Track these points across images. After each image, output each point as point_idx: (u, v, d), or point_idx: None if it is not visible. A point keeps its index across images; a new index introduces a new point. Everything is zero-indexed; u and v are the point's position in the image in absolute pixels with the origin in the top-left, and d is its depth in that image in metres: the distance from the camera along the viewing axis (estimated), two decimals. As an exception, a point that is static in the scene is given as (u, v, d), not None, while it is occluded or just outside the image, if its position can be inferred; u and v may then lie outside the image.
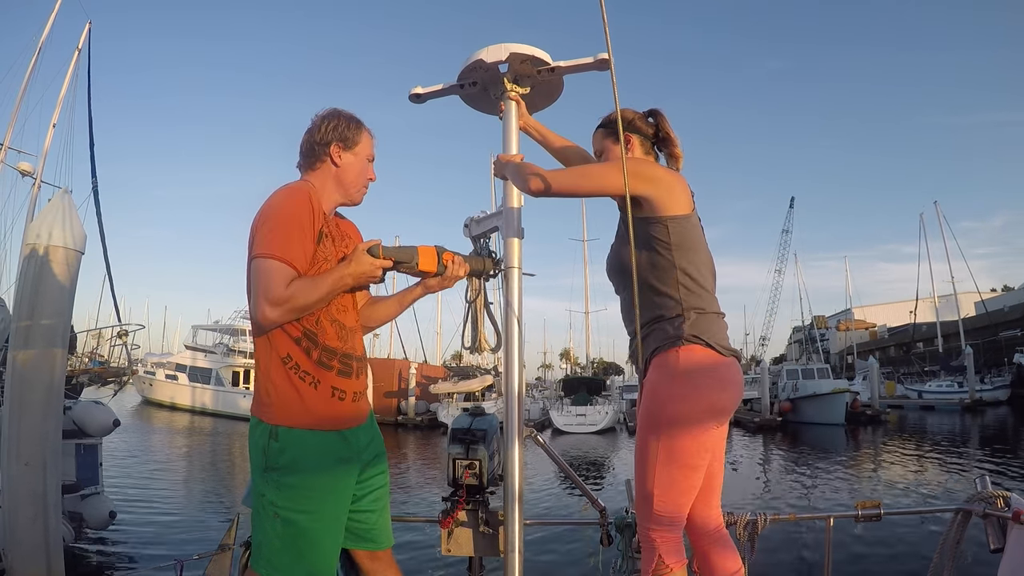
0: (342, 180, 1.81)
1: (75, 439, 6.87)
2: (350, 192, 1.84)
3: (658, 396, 1.76)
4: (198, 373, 32.84)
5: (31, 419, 4.57)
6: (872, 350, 49.73)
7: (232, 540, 2.37)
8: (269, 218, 1.63)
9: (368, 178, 1.87)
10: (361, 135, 1.83)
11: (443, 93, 2.22)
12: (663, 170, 1.90)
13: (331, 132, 1.78)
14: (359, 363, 1.78)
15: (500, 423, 2.17)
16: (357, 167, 1.82)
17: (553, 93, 2.28)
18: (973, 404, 30.96)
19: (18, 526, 4.43)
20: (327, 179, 1.80)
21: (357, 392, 1.76)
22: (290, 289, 1.58)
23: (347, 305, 1.78)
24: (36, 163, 14.96)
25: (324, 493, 1.64)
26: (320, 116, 1.82)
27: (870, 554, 6.56)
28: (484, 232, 2.15)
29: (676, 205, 1.81)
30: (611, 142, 2.03)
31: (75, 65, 15.80)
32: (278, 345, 1.65)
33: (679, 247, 1.79)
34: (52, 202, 5.14)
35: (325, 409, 1.67)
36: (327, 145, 1.78)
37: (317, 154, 1.79)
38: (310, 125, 1.82)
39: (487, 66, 2.06)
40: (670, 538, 1.77)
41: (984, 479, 2.38)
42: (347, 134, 1.80)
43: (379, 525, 1.84)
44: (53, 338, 4.75)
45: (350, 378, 1.73)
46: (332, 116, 1.81)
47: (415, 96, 2.22)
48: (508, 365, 1.97)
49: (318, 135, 1.78)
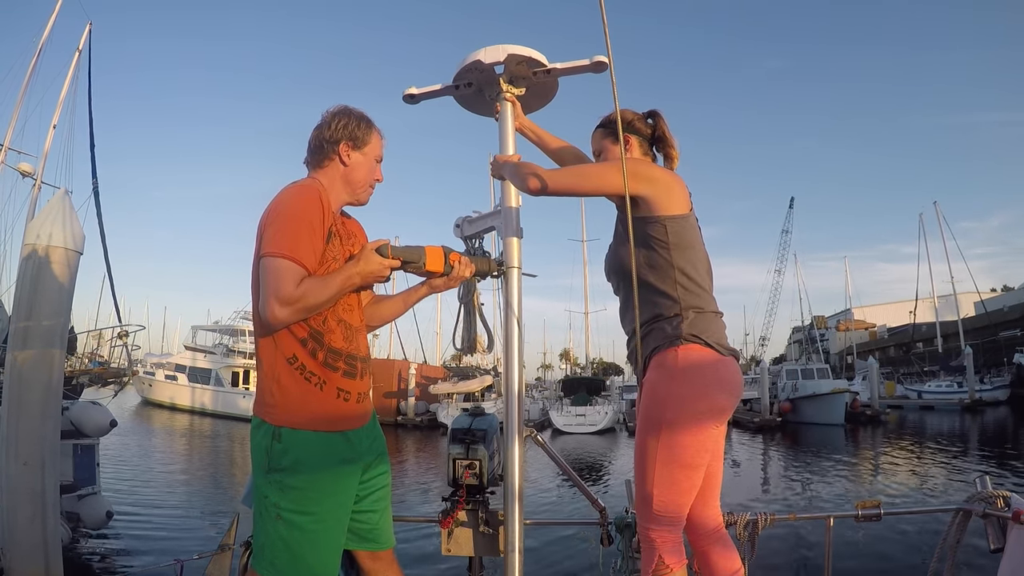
0: (350, 179, 1.79)
1: (72, 439, 6.86)
2: (357, 192, 1.82)
3: (658, 395, 1.76)
4: (198, 374, 32.80)
5: (30, 419, 4.56)
6: (872, 350, 49.73)
7: (232, 540, 2.36)
8: (279, 216, 1.61)
9: (375, 179, 1.85)
10: (371, 135, 1.81)
11: (437, 94, 2.21)
12: (661, 170, 1.90)
13: (341, 130, 1.76)
14: (363, 364, 1.77)
15: (500, 423, 2.16)
16: (366, 167, 1.80)
17: (548, 94, 2.28)
18: (973, 404, 30.94)
19: (16, 526, 4.42)
20: (335, 177, 1.78)
21: (362, 393, 1.75)
22: (300, 288, 1.56)
23: (352, 304, 1.77)
24: (36, 164, 15.00)
25: (327, 495, 1.63)
26: (331, 113, 1.80)
27: (870, 554, 6.56)
28: (477, 232, 2.14)
29: (674, 205, 1.81)
30: (610, 142, 2.03)
31: (75, 66, 15.83)
32: (284, 346, 1.64)
33: (677, 246, 1.80)
34: (51, 202, 5.14)
35: (330, 410, 1.66)
36: (336, 143, 1.76)
37: (326, 151, 1.77)
38: (320, 121, 1.79)
39: (483, 67, 2.06)
40: (670, 538, 1.77)
41: (984, 479, 2.37)
42: (357, 133, 1.78)
43: (381, 525, 1.83)
44: (52, 339, 4.75)
45: (355, 379, 1.72)
46: (343, 114, 1.79)
47: (409, 97, 2.20)
48: (508, 365, 1.97)
49: (328, 132, 1.76)
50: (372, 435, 1.81)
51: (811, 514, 2.94)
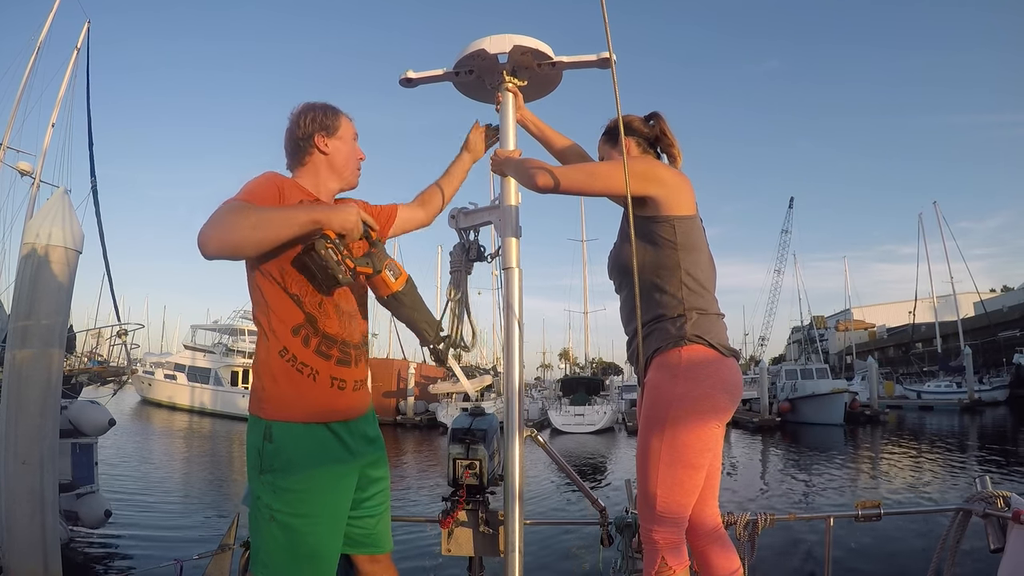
0: (334, 165, 1.82)
1: (71, 438, 6.86)
2: (344, 175, 1.85)
3: (661, 395, 1.76)
4: (197, 373, 32.80)
5: (29, 418, 4.57)
6: (871, 350, 49.73)
7: (232, 540, 2.36)
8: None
9: (359, 157, 1.89)
10: (339, 119, 1.83)
11: (436, 79, 2.19)
12: (671, 171, 1.89)
13: (311, 124, 1.79)
14: (358, 350, 1.76)
15: (500, 423, 2.16)
16: (345, 150, 1.84)
17: (549, 86, 2.25)
18: (972, 404, 30.95)
19: (15, 524, 4.43)
20: (319, 169, 1.81)
21: (358, 381, 1.75)
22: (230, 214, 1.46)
23: (346, 288, 1.75)
24: (35, 163, 14.92)
25: (320, 495, 1.62)
26: (296, 113, 1.82)
27: (870, 554, 6.56)
28: (473, 225, 2.13)
29: (682, 206, 1.82)
30: (610, 147, 2.04)
31: (74, 64, 15.78)
32: (277, 338, 1.64)
33: (684, 247, 1.80)
34: (50, 201, 5.14)
35: (324, 401, 1.66)
36: (310, 138, 1.79)
37: (303, 148, 1.80)
38: (288, 124, 1.82)
39: (487, 56, 2.04)
40: (673, 539, 1.77)
41: (984, 479, 2.37)
42: (326, 122, 1.80)
43: (379, 530, 1.83)
44: (51, 337, 4.75)
45: (349, 367, 1.72)
46: (307, 109, 1.81)
47: (406, 80, 2.18)
48: (508, 365, 1.96)
49: (299, 131, 1.79)
50: (370, 429, 1.80)
51: (811, 514, 2.94)
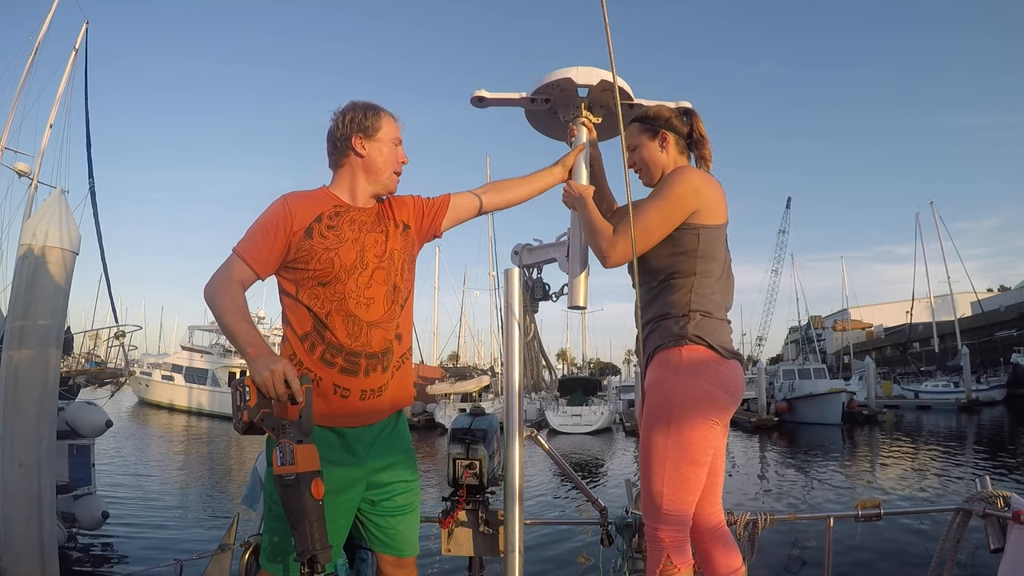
0: (370, 168, 1.80)
1: (68, 440, 6.85)
2: (381, 179, 1.82)
3: (664, 393, 1.77)
4: (194, 374, 32.76)
5: (25, 420, 4.55)
6: (868, 350, 49.78)
7: (232, 540, 2.36)
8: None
9: (400, 161, 1.85)
10: (380, 120, 1.81)
11: (509, 103, 2.13)
12: (708, 184, 1.87)
13: (349, 125, 1.78)
14: (370, 360, 1.73)
15: (500, 423, 2.15)
16: (384, 153, 1.81)
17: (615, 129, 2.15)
18: (969, 404, 30.98)
19: (13, 527, 4.41)
20: (356, 172, 1.80)
21: (366, 391, 1.72)
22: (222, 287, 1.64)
23: (374, 297, 1.74)
24: (33, 163, 14.88)
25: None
26: (338, 112, 1.81)
27: (870, 554, 6.56)
28: (537, 263, 2.11)
29: (713, 217, 1.83)
30: (647, 138, 1.97)
31: (72, 65, 15.74)
32: (289, 344, 1.70)
33: (704, 256, 1.82)
34: (47, 202, 5.13)
35: (325, 406, 1.66)
36: (348, 139, 1.78)
37: (341, 150, 1.80)
38: (330, 124, 1.81)
39: (570, 86, 1.98)
40: (678, 538, 1.77)
41: (984, 479, 2.37)
42: (365, 123, 1.78)
43: (404, 532, 1.83)
44: (48, 339, 4.74)
45: (356, 376, 1.71)
46: (348, 109, 1.81)
47: (478, 99, 2.10)
48: (508, 365, 1.95)
49: (339, 131, 1.79)
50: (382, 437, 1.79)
51: (811, 514, 2.94)
